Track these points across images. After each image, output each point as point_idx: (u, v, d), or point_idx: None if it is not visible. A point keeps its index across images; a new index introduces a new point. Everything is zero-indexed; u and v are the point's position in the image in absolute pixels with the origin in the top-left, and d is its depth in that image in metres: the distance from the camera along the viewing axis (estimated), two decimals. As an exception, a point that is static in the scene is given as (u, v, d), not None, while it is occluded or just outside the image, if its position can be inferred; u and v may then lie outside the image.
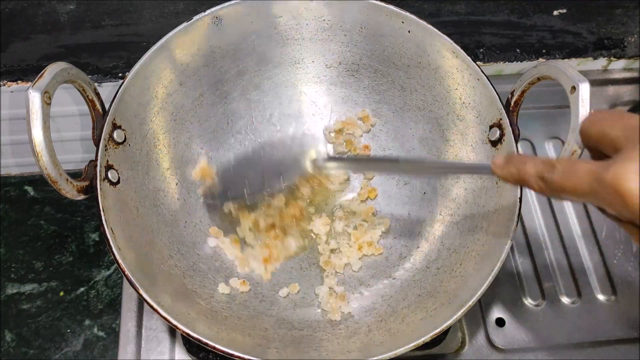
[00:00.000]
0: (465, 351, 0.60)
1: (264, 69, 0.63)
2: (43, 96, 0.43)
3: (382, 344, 0.50)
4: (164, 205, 0.57)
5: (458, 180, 0.60)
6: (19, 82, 0.67)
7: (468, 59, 0.56)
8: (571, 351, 0.60)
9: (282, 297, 0.57)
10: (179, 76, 0.58)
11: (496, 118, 0.55)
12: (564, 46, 0.76)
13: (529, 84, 0.53)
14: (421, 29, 0.58)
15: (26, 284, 0.66)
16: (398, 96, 0.64)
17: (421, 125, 0.63)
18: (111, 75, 0.69)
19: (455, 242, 0.57)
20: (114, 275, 0.67)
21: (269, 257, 0.59)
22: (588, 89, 0.46)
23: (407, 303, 0.55)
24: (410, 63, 0.61)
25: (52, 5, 0.62)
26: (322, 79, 0.65)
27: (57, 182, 0.45)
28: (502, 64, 0.76)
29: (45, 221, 0.70)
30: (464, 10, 0.70)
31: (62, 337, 0.63)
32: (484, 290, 0.47)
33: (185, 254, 0.57)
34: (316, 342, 0.52)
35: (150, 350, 0.59)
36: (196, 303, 0.52)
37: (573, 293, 0.64)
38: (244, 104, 0.64)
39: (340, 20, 0.61)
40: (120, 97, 0.52)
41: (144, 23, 0.65)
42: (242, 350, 0.45)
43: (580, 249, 0.66)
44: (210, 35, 0.58)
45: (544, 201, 0.69)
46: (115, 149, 0.52)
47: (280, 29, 0.61)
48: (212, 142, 0.63)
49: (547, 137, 0.73)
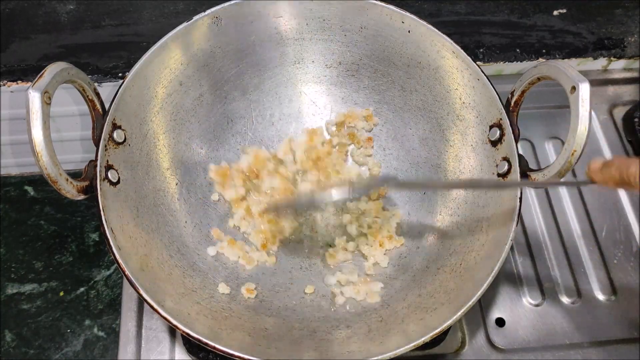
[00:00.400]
0: (465, 351, 0.60)
1: (264, 69, 0.63)
2: (43, 96, 0.43)
3: (382, 344, 0.50)
4: (164, 205, 0.57)
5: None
6: (19, 82, 0.67)
7: (468, 59, 0.56)
8: (571, 351, 0.60)
9: (283, 297, 0.57)
10: (178, 76, 0.58)
11: (496, 118, 0.55)
12: (564, 46, 0.76)
13: (529, 84, 0.53)
14: (421, 29, 0.58)
15: (26, 284, 0.66)
16: (398, 96, 0.64)
17: (421, 125, 0.63)
18: (111, 75, 0.69)
19: (455, 242, 0.57)
20: (114, 275, 0.67)
21: (266, 242, 0.60)
22: (588, 89, 0.46)
23: (407, 303, 0.55)
24: (410, 63, 0.61)
25: (52, 5, 0.62)
26: (322, 79, 0.65)
27: (57, 182, 0.45)
28: (502, 64, 0.76)
29: (45, 221, 0.70)
30: (464, 10, 0.70)
31: (62, 337, 0.63)
32: (484, 290, 0.47)
33: (185, 254, 0.57)
34: (316, 342, 0.52)
35: (150, 350, 0.59)
36: (196, 303, 0.52)
37: (573, 293, 0.64)
38: (244, 104, 0.64)
39: (340, 20, 0.61)
40: (120, 97, 0.52)
41: (144, 23, 0.65)
42: (242, 350, 0.45)
43: (580, 249, 0.66)
44: (210, 35, 0.58)
45: (544, 201, 0.69)
46: (115, 149, 0.52)
47: (280, 29, 0.61)
48: (212, 142, 0.63)
49: (547, 137, 0.73)
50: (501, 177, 0.54)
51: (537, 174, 0.52)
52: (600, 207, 0.69)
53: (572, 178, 0.70)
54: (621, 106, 0.77)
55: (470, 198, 0.58)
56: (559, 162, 0.49)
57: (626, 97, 0.78)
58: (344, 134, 0.65)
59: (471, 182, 0.59)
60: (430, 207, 0.61)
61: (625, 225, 0.68)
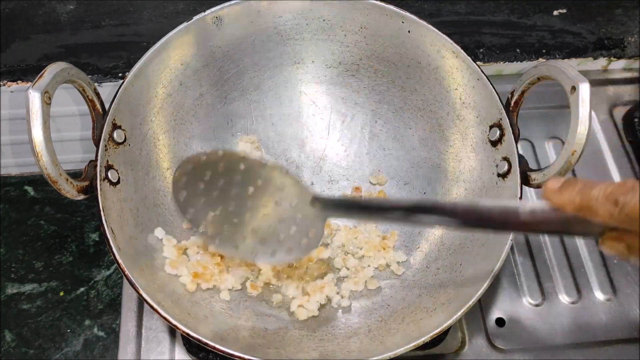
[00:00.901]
0: (465, 351, 0.60)
1: (264, 69, 0.63)
2: (43, 96, 0.43)
3: (382, 344, 0.50)
4: (164, 205, 0.57)
5: (458, 181, 0.60)
6: (19, 82, 0.67)
7: (468, 59, 0.56)
8: (571, 351, 0.60)
9: (282, 297, 0.57)
10: (179, 76, 0.58)
11: (496, 118, 0.55)
12: (564, 46, 0.76)
13: (529, 84, 0.53)
14: (421, 29, 0.58)
15: (26, 284, 0.66)
16: (398, 96, 0.64)
17: (421, 125, 0.63)
18: (111, 75, 0.69)
19: (455, 242, 0.57)
20: (114, 275, 0.67)
21: (198, 275, 0.54)
22: (588, 89, 0.46)
23: (407, 303, 0.55)
24: (410, 63, 0.61)
25: (52, 5, 0.62)
26: (322, 79, 0.65)
27: (57, 182, 0.45)
28: (502, 64, 0.76)
29: (45, 221, 0.70)
30: (464, 10, 0.69)
31: (62, 337, 0.63)
32: (484, 290, 0.47)
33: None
34: (316, 342, 0.52)
35: (150, 350, 0.59)
36: (196, 303, 0.52)
37: (573, 293, 0.64)
38: (244, 104, 0.64)
39: (340, 20, 0.61)
40: (120, 97, 0.52)
41: (144, 23, 0.65)
42: (242, 350, 0.45)
43: (580, 249, 0.66)
44: (210, 35, 0.58)
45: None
46: (115, 149, 0.52)
47: (280, 29, 0.61)
48: (212, 142, 0.63)
49: (547, 137, 0.73)
50: (501, 177, 0.54)
51: (537, 174, 0.52)
52: (600, 207, 0.69)
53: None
54: (621, 106, 0.77)
55: (470, 198, 0.58)
56: (559, 162, 0.49)
57: (626, 97, 0.77)
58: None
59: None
60: (430, 207, 0.61)
61: (625, 225, 0.68)
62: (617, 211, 0.31)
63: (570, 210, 0.33)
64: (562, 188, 0.34)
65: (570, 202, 0.33)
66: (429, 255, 0.59)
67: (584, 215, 0.33)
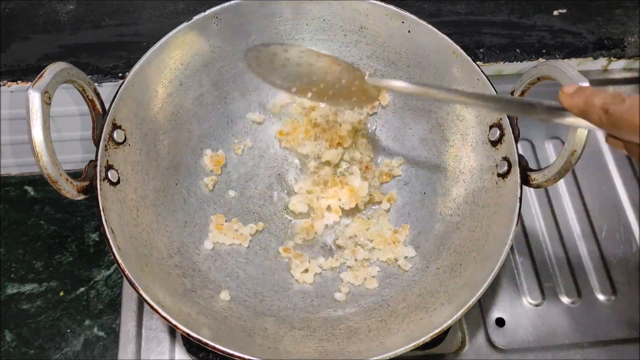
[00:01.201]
0: (465, 351, 0.60)
1: (264, 69, 0.63)
2: (43, 96, 0.43)
3: (382, 344, 0.50)
4: (164, 205, 0.57)
5: (458, 181, 0.60)
6: (19, 82, 0.67)
7: (468, 59, 0.56)
8: (571, 351, 0.60)
9: (282, 296, 0.57)
10: (179, 76, 0.58)
11: (496, 118, 0.55)
12: (564, 46, 0.76)
13: (529, 84, 0.53)
14: (421, 29, 0.58)
15: (26, 284, 0.66)
16: (398, 96, 0.64)
17: (421, 125, 0.63)
18: (111, 75, 0.69)
19: (455, 242, 0.57)
20: (114, 275, 0.67)
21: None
22: (588, 89, 0.46)
23: (407, 303, 0.55)
24: (410, 63, 0.61)
25: (52, 5, 0.62)
26: (322, 79, 0.65)
27: (57, 182, 0.45)
28: (502, 64, 0.76)
29: (45, 221, 0.70)
30: (464, 10, 0.70)
31: (62, 337, 0.63)
32: (484, 290, 0.47)
33: (185, 253, 0.57)
34: (316, 342, 0.52)
35: (150, 350, 0.59)
36: (196, 303, 0.52)
37: (573, 293, 0.64)
38: (244, 104, 0.64)
39: (340, 20, 0.61)
40: (120, 97, 0.52)
41: (144, 23, 0.65)
42: (242, 350, 0.45)
43: (580, 249, 0.66)
44: (210, 35, 0.58)
45: (544, 201, 0.69)
46: (115, 149, 0.52)
47: (280, 29, 0.61)
48: (212, 142, 0.63)
49: (547, 137, 0.73)
50: (501, 177, 0.54)
51: (537, 174, 0.52)
52: (600, 207, 0.69)
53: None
54: (621, 106, 0.77)
55: (470, 198, 0.58)
56: (559, 162, 0.49)
57: (626, 97, 0.77)
58: None
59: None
60: (430, 207, 0.61)
61: (625, 225, 0.68)
62: (605, 119, 0.35)
63: (575, 112, 0.38)
64: (574, 93, 0.38)
65: (576, 106, 0.38)
66: (429, 255, 0.59)
67: (585, 118, 0.38)
